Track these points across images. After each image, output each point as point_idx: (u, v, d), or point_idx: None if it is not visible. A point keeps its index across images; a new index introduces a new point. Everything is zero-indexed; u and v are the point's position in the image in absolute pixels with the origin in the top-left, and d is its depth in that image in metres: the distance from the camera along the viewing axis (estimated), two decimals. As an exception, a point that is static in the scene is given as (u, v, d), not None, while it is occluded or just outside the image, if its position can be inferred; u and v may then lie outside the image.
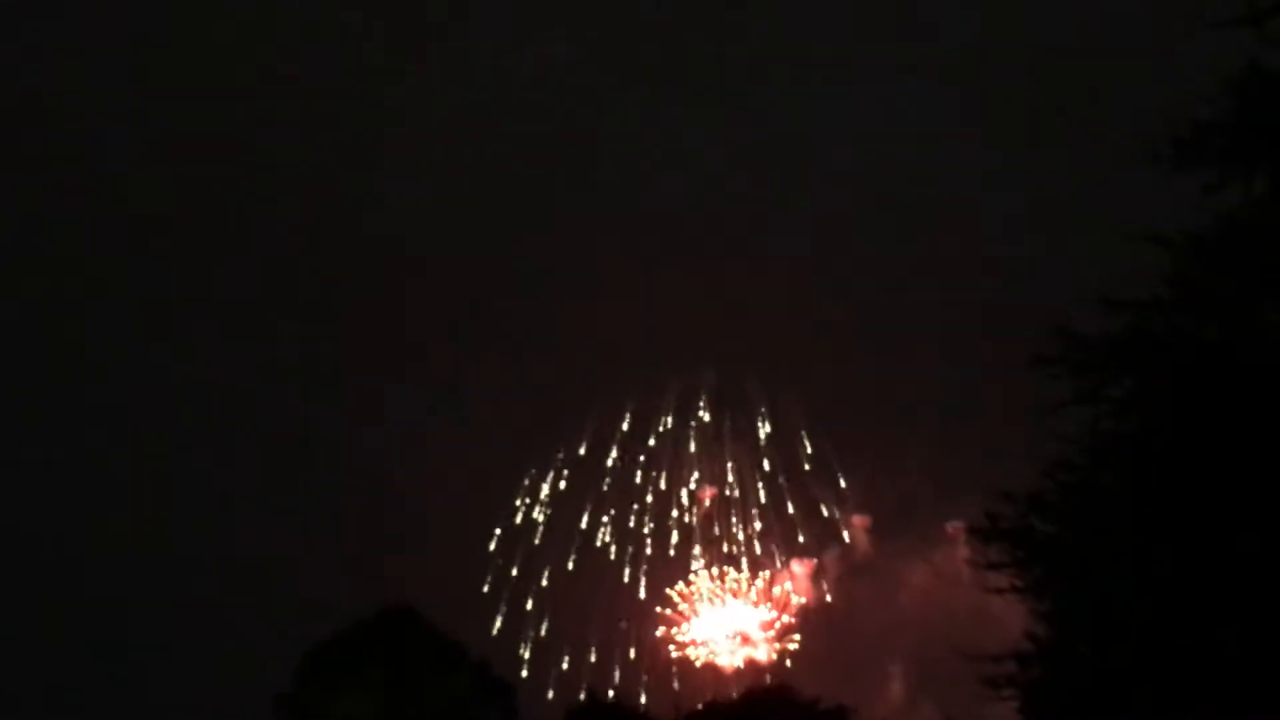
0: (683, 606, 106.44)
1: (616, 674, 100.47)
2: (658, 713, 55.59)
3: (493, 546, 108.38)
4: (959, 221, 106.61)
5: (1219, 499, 11.42)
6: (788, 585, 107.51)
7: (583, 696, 54.16)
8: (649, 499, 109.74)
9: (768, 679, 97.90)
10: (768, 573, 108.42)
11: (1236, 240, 12.66)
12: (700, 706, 52.80)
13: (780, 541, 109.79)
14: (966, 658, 12.56)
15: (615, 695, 45.40)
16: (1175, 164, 13.35)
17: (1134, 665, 11.70)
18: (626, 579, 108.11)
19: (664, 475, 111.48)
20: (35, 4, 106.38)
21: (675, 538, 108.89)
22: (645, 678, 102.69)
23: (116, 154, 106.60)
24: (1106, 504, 12.47)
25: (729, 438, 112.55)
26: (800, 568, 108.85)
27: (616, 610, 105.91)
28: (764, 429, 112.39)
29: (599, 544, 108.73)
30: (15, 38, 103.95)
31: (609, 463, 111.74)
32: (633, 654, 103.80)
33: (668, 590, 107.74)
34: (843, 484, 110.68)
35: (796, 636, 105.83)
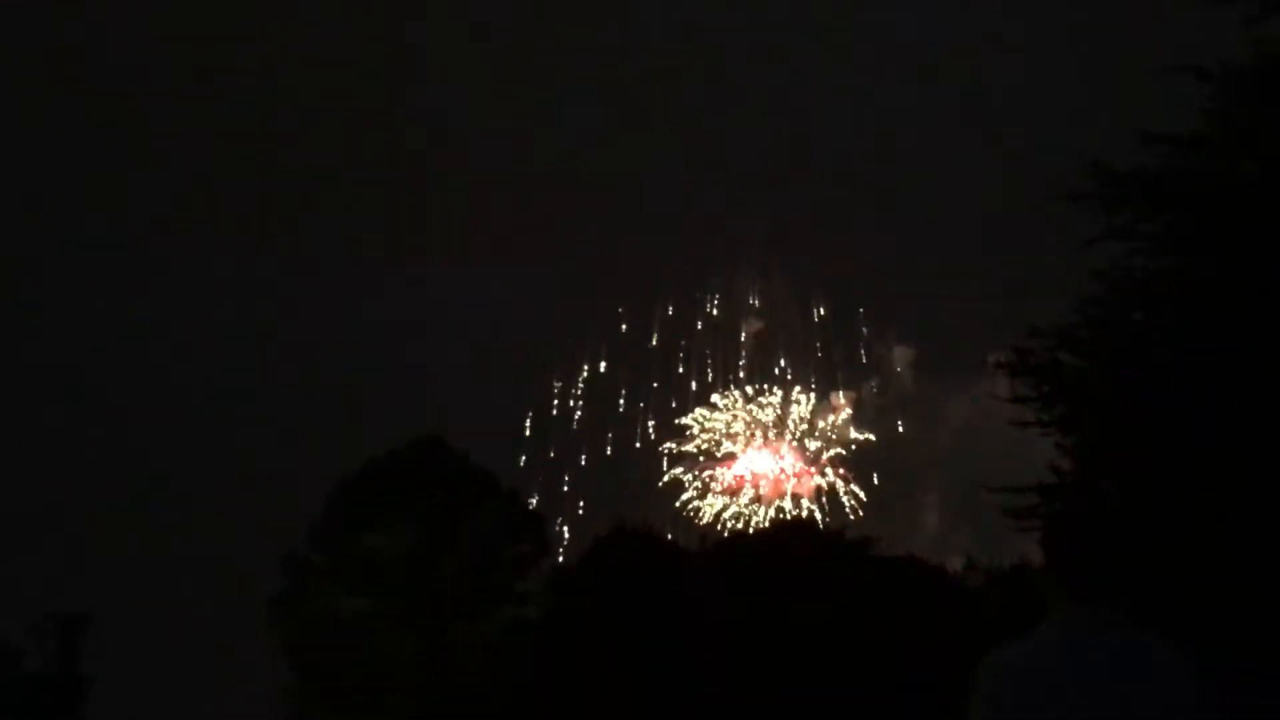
0: (702, 437, 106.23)
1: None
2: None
3: (528, 430, 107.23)
4: (997, 61, 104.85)
5: (1250, 334, 11.38)
6: (844, 415, 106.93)
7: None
8: (693, 386, 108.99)
9: (790, 511, 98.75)
10: (810, 397, 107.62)
11: (1278, 73, 12.43)
12: (726, 536, 53.44)
13: (824, 374, 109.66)
14: (992, 489, 12.68)
15: (643, 526, 46.02)
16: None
17: (1155, 499, 11.78)
18: (666, 467, 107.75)
19: (709, 364, 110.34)
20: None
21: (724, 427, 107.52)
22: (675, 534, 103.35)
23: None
24: (1135, 340, 12.47)
25: (779, 274, 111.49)
26: (843, 400, 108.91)
27: (651, 493, 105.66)
28: (819, 305, 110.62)
29: (638, 439, 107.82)
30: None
31: (651, 344, 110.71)
32: (670, 535, 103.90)
33: (681, 420, 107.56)
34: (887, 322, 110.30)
35: (860, 494, 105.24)
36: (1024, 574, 32.71)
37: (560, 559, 52.02)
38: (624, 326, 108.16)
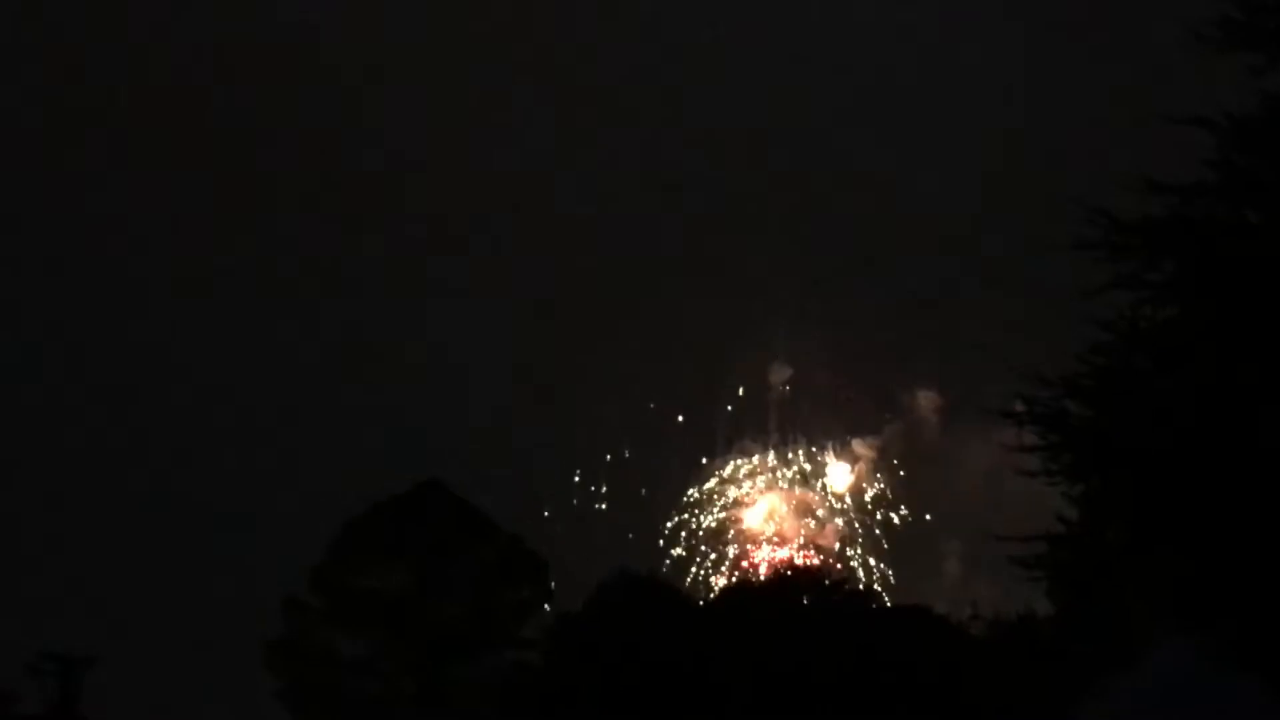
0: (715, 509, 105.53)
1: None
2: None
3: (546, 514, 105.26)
4: (1004, 111, 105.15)
5: (1257, 382, 11.36)
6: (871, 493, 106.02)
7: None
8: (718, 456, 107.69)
9: (797, 557, 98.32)
10: (835, 461, 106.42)
11: (1282, 124, 12.46)
12: (732, 581, 53.25)
13: (847, 422, 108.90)
14: (999, 538, 12.63)
15: (648, 571, 45.71)
16: (1222, 45, 13.12)
17: (1162, 550, 11.74)
18: (683, 535, 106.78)
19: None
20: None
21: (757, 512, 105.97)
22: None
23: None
24: (1141, 389, 12.45)
25: (813, 321, 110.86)
26: (865, 449, 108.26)
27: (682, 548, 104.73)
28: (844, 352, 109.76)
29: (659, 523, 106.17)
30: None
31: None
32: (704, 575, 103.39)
33: (693, 495, 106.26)
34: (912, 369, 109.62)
35: (890, 575, 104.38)
36: (1030, 624, 32.58)
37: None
38: (651, 405, 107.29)
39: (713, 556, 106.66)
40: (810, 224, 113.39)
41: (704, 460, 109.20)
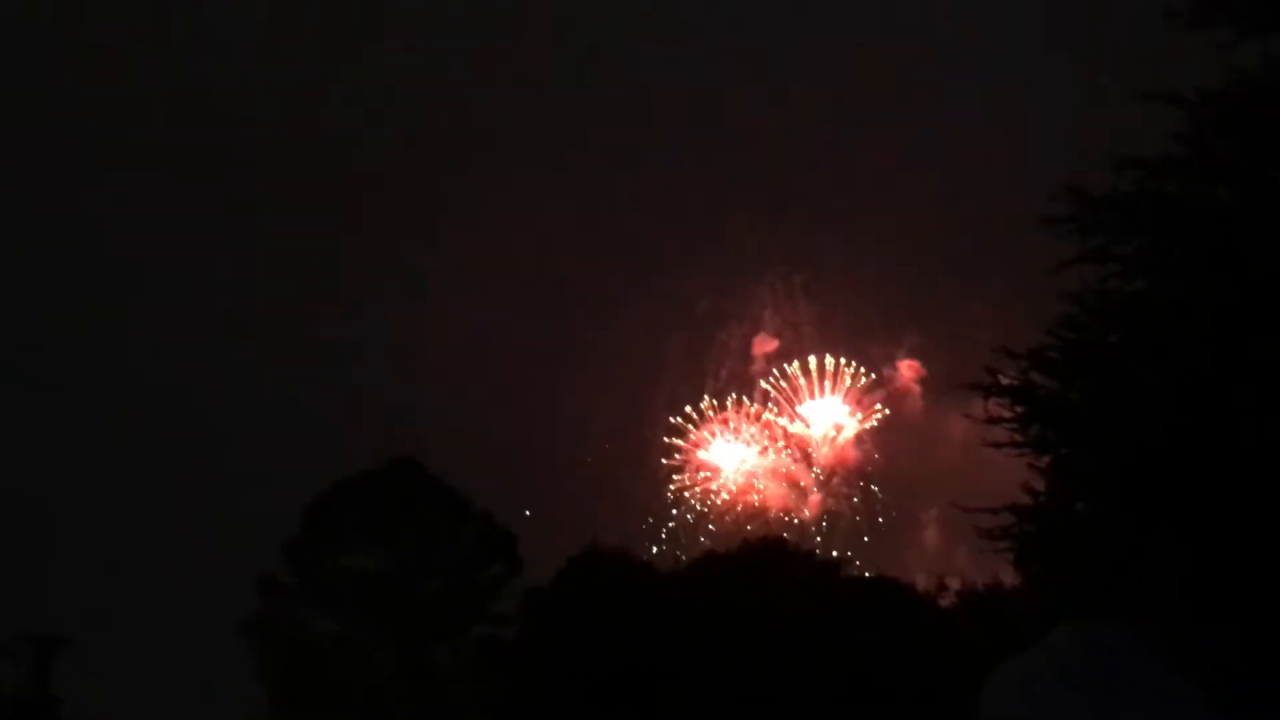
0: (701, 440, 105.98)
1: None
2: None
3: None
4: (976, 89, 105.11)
5: (1223, 356, 11.45)
6: (849, 430, 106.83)
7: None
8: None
9: (775, 528, 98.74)
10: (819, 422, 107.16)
11: (1252, 100, 12.53)
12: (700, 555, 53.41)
13: (831, 393, 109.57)
14: (966, 509, 12.71)
15: (618, 545, 45.91)
16: (1192, 20, 13.17)
17: (1130, 522, 11.83)
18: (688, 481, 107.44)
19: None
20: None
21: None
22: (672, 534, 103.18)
23: None
24: (1110, 362, 12.53)
25: (800, 294, 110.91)
26: (848, 419, 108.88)
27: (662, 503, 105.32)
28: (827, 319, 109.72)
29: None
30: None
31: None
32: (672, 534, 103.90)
33: (674, 419, 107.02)
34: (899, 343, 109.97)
35: (858, 518, 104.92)
36: (995, 595, 32.82)
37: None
38: (632, 383, 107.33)
39: (698, 533, 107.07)
40: (790, 198, 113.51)
41: (689, 434, 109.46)
